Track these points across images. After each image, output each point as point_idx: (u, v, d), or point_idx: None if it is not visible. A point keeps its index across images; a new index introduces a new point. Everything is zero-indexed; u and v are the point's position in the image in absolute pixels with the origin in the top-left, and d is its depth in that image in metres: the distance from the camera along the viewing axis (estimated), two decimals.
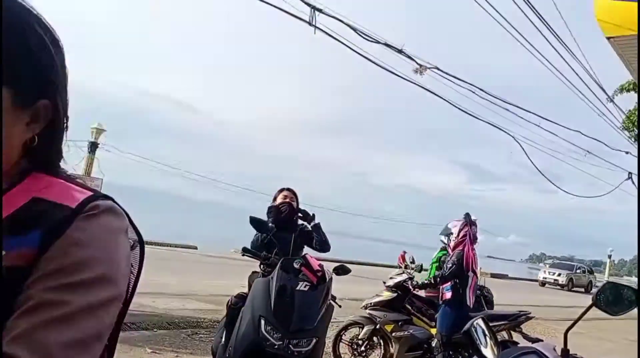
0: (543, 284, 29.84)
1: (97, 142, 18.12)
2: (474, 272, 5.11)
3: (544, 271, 31.27)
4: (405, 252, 5.99)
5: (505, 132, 11.49)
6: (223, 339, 3.69)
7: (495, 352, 1.82)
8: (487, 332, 1.90)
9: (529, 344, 2.04)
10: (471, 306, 5.14)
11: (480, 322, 1.92)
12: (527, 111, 11.70)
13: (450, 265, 5.07)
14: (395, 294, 5.50)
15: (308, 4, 7.19)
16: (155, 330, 6.21)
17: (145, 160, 24.03)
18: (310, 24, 7.41)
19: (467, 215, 5.29)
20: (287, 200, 4.14)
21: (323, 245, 4.23)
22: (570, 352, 1.71)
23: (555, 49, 9.79)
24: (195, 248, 20.38)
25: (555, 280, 29.29)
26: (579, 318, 1.66)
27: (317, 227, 4.18)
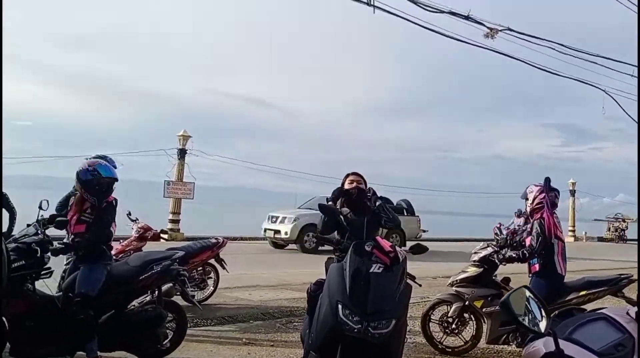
0: None
1: (185, 148, 19.19)
2: (558, 238, 4.87)
3: None
4: (501, 224, 5.79)
5: (594, 86, 10.65)
6: (308, 326, 3.81)
7: (545, 323, 1.73)
8: (536, 302, 1.80)
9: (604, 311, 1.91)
10: (564, 273, 4.89)
11: (525, 291, 1.83)
12: (616, 60, 10.76)
13: (537, 237, 4.86)
14: (481, 269, 5.34)
15: None
16: (251, 321, 6.50)
17: (231, 160, 24.96)
18: (368, 4, 7.32)
19: (547, 180, 5.03)
20: (354, 184, 4.17)
21: (393, 222, 4.26)
22: None
23: None
24: None
25: None
26: None
27: (382, 207, 4.20)
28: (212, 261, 7.36)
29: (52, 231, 4.29)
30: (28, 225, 4.33)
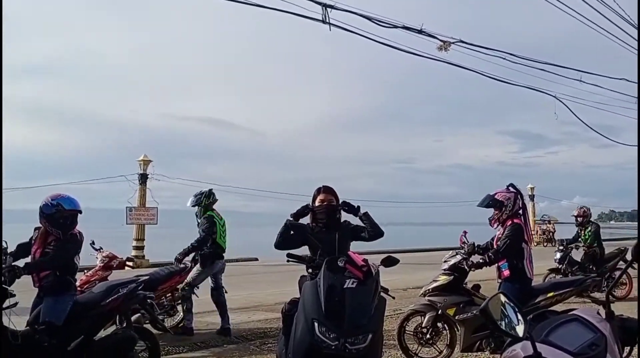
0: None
1: (146, 173, 18.83)
2: (527, 242, 4.96)
3: None
4: (466, 232, 5.87)
5: (546, 93, 11.06)
6: (284, 346, 3.75)
7: (523, 328, 1.76)
8: (512, 307, 1.84)
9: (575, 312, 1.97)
10: (532, 277, 4.99)
11: (501, 297, 1.87)
12: (564, 67, 11.22)
13: (505, 240, 4.93)
14: (451, 277, 5.41)
15: (319, 3, 7.20)
16: (224, 345, 6.37)
17: (194, 182, 24.59)
18: (324, 21, 7.41)
19: (513, 185, 5.14)
20: (325, 203, 4.14)
21: (375, 231, 4.20)
22: (616, 313, 1.63)
23: None
24: (256, 259, 20.76)
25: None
26: (619, 278, 1.58)
27: (366, 215, 4.19)
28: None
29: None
30: None
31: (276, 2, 6.97)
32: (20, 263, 4.27)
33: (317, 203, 4.18)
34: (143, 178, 18.75)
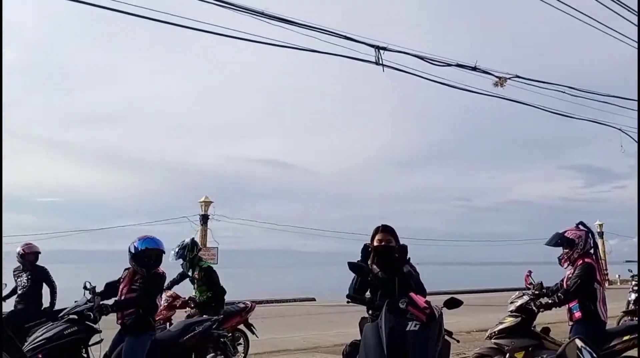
0: None
1: (207, 214, 19.39)
2: (599, 283, 4.71)
3: None
4: (530, 271, 5.65)
5: (609, 125, 10.64)
6: None
7: None
8: (589, 352, 1.75)
9: None
10: (606, 320, 4.70)
11: (578, 342, 1.78)
12: (627, 99, 10.77)
13: (575, 279, 4.71)
14: (519, 318, 5.17)
15: (371, 45, 7.35)
16: None
17: (253, 222, 25.07)
18: (377, 63, 7.54)
19: (583, 223, 4.95)
20: (383, 243, 4.02)
21: (420, 292, 3.97)
22: None
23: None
24: (314, 299, 20.65)
25: None
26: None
27: (410, 273, 3.90)
28: (242, 326, 7.26)
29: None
30: (75, 301, 4.52)
31: (326, 46, 7.13)
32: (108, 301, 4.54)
33: (375, 243, 4.07)
34: (204, 219, 19.33)
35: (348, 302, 3.92)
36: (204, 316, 5.59)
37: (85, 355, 4.16)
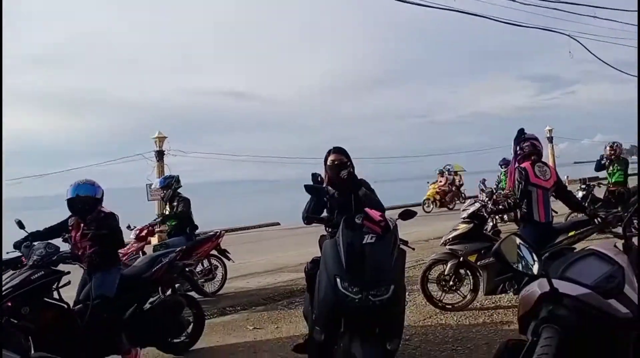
0: None
1: (162, 149, 18.95)
2: (536, 185, 4.93)
3: None
4: (484, 179, 5.89)
5: (559, 32, 10.75)
6: (309, 303, 3.85)
7: (538, 266, 1.78)
8: (526, 247, 1.85)
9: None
10: (543, 220, 4.95)
11: (514, 238, 1.88)
12: (576, 4, 10.82)
13: (516, 184, 4.99)
14: (472, 224, 5.44)
15: None
16: (253, 308, 6.57)
17: (210, 154, 24.75)
18: None
19: (520, 131, 5.15)
20: (336, 162, 4.09)
21: (376, 208, 3.89)
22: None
23: None
24: (278, 224, 21.08)
25: None
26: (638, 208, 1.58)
27: (366, 195, 4.00)
28: (216, 253, 7.59)
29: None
30: (20, 243, 4.45)
31: None
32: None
33: (328, 163, 4.16)
34: (160, 155, 18.90)
35: (305, 223, 4.02)
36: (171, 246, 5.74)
37: (57, 297, 4.12)
